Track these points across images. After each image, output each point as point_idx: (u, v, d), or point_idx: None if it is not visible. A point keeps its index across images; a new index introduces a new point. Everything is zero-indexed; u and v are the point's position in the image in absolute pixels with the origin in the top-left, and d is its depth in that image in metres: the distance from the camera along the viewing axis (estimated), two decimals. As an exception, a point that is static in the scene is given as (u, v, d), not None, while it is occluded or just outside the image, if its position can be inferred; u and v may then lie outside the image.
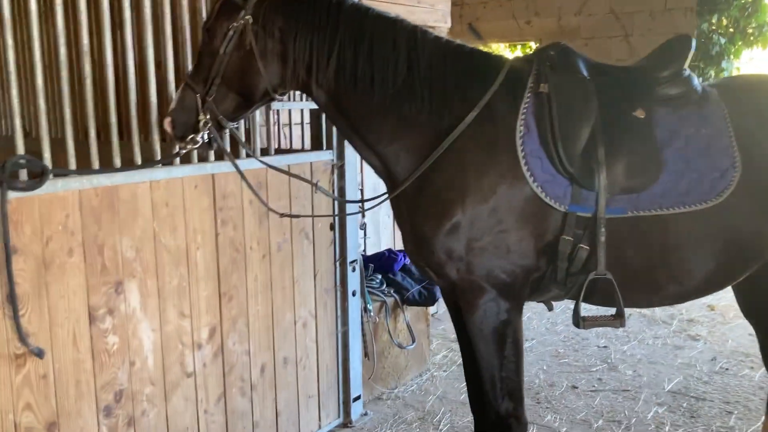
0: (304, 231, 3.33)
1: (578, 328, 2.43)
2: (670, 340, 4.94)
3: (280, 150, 3.39)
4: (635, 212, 2.28)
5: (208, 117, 2.42)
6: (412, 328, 4.13)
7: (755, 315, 2.92)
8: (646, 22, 7.18)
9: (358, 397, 3.74)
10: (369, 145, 2.45)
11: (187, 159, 2.76)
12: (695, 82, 2.39)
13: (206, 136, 2.47)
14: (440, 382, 4.25)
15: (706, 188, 2.26)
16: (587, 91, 2.30)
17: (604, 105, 2.30)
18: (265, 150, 3.17)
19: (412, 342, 4.10)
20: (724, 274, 2.42)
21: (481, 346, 2.38)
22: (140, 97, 2.64)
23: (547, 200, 2.27)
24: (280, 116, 3.54)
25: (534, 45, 8.17)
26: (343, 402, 3.68)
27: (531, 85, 2.34)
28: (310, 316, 3.42)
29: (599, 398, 4.01)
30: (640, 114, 2.30)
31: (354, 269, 3.60)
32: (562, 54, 2.39)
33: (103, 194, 2.47)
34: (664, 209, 2.27)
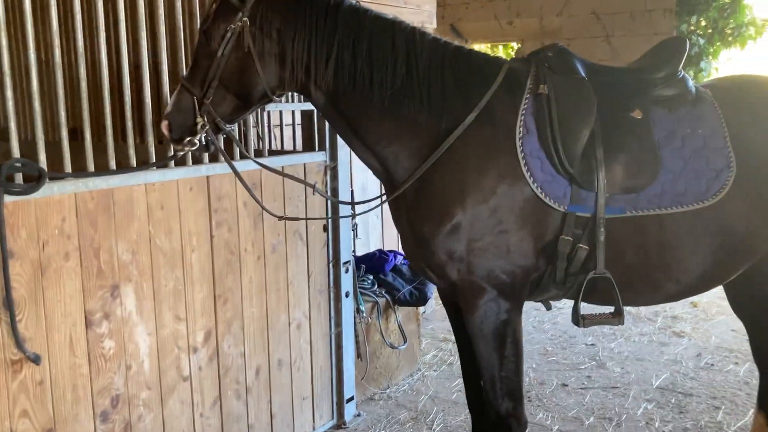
0: (298, 232, 3.32)
1: (578, 327, 2.46)
2: (655, 337, 5.00)
3: (274, 151, 3.37)
4: (634, 212, 2.30)
5: (205, 119, 2.40)
6: (404, 328, 4.14)
7: (745, 312, 2.97)
8: (626, 23, 7.26)
9: (352, 398, 3.73)
10: (368, 147, 2.45)
11: (181, 161, 2.74)
12: (690, 83, 2.43)
13: (204, 139, 2.45)
14: (431, 382, 4.26)
15: (702, 188, 2.30)
16: (586, 92, 2.32)
17: (603, 106, 2.33)
18: (258, 152, 3.16)
19: (404, 342, 4.10)
20: (719, 272, 2.46)
21: (481, 346, 2.39)
22: (135, 98, 2.61)
23: (546, 200, 2.29)
24: (270, 118, 3.52)
25: (516, 45, 8.22)
26: (337, 403, 3.68)
27: (530, 86, 2.36)
28: (304, 318, 3.41)
29: (589, 395, 4.05)
30: (637, 114, 2.33)
31: (347, 270, 3.60)
32: (559, 55, 2.41)
33: (99, 197, 2.44)
34: (662, 209, 2.30)
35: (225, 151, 2.81)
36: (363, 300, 3.89)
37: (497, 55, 2.53)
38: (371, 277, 4.09)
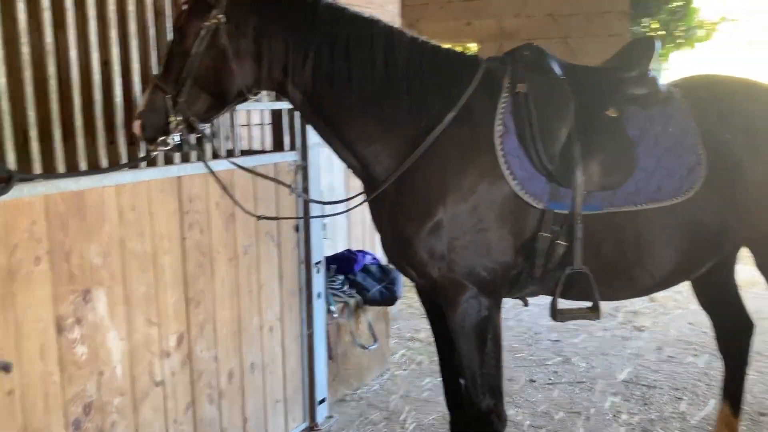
0: (269, 233, 3.28)
1: (555, 321, 2.49)
2: (617, 331, 5.12)
3: (244, 151, 3.32)
4: (610, 209, 2.35)
5: (179, 119, 2.35)
6: (374, 328, 4.13)
7: (711, 306, 3.07)
8: (582, 24, 7.41)
9: (324, 400, 3.71)
10: (347, 145, 2.43)
11: (152, 161, 2.68)
12: (660, 82, 2.49)
13: (178, 138, 2.40)
14: (401, 381, 4.27)
15: (675, 184, 2.36)
16: (564, 91, 2.36)
17: (579, 104, 2.37)
18: (230, 152, 3.11)
19: (375, 342, 4.10)
20: (690, 266, 2.53)
21: (463, 343, 2.41)
22: (105, 97, 2.54)
23: (526, 198, 2.32)
24: (237, 117, 3.47)
25: (474, 46, 8.30)
26: (309, 405, 3.65)
27: (508, 86, 2.38)
28: (276, 320, 3.38)
29: (557, 391, 4.11)
30: (612, 113, 2.38)
31: (318, 271, 3.58)
32: (535, 54, 2.44)
33: (70, 199, 2.37)
34: (638, 205, 2.35)
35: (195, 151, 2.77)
36: (333, 300, 3.87)
37: (474, 54, 2.53)
38: (341, 277, 4.08)
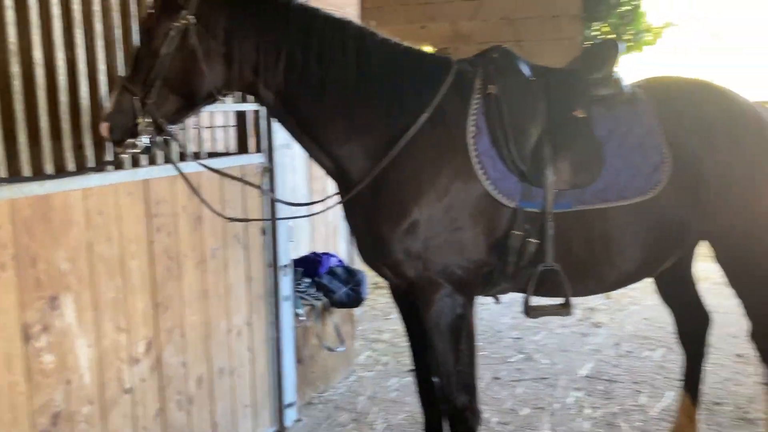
0: (237, 236, 3.25)
1: (528, 318, 2.54)
2: (576, 328, 5.23)
3: (211, 153, 3.29)
4: (580, 207, 2.41)
5: (148, 120, 2.32)
6: (340, 330, 4.13)
7: (672, 300, 3.17)
8: (535, 27, 7.56)
9: (292, 404, 3.69)
10: (321, 146, 2.43)
11: (119, 164, 2.63)
12: (624, 83, 2.57)
13: (146, 140, 2.37)
14: (368, 383, 4.28)
15: (641, 182, 2.43)
16: (534, 93, 2.41)
17: (548, 106, 2.42)
18: (197, 154, 3.07)
19: (342, 344, 4.10)
20: (654, 262, 2.62)
21: (438, 341, 2.43)
22: (71, 99, 2.48)
23: (498, 197, 2.36)
24: (201, 119, 3.44)
25: (429, 49, 8.36)
26: (278, 409, 3.62)
27: (479, 87, 2.42)
28: (244, 324, 3.35)
29: (522, 387, 4.18)
30: (579, 114, 2.44)
31: (286, 274, 3.56)
32: (505, 57, 2.49)
33: (36, 204, 2.30)
34: (606, 203, 2.42)
35: (161, 153, 2.73)
36: (300, 303, 3.86)
37: (445, 56, 2.56)
38: (307, 280, 4.06)
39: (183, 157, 2.83)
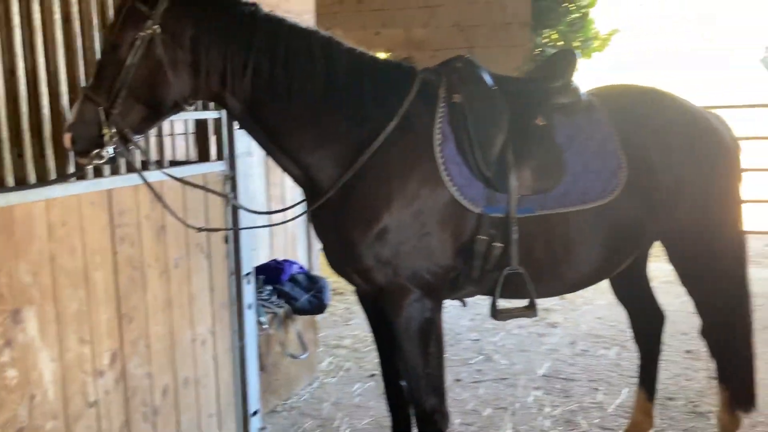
0: (200, 245, 3.23)
1: (496, 320, 2.61)
2: (532, 328, 5.34)
3: (173, 162, 3.26)
4: (542, 211, 2.49)
5: (113, 131, 2.29)
6: (303, 337, 4.14)
7: (627, 300, 3.29)
8: (487, 35, 7.70)
9: (256, 412, 3.68)
10: (289, 155, 2.45)
11: (83, 175, 2.59)
12: (582, 92, 2.66)
13: (112, 151, 2.35)
14: (331, 389, 4.29)
15: (600, 187, 2.53)
16: (498, 101, 2.48)
17: (511, 114, 2.49)
18: (159, 162, 3.04)
19: (304, 351, 4.10)
20: (612, 263, 2.72)
21: (407, 345, 2.47)
22: (33, 109, 2.44)
23: (464, 203, 2.41)
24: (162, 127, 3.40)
25: (384, 55, 8.45)
26: (242, 418, 3.60)
27: (444, 96, 2.48)
28: (208, 333, 3.32)
29: (483, 388, 4.26)
30: (540, 121, 2.52)
31: (249, 282, 3.55)
32: (468, 66, 2.55)
33: (-3, 215, 2.26)
34: (567, 207, 2.50)
35: (124, 162, 2.71)
36: (263, 311, 3.85)
37: (410, 65, 2.61)
38: (269, 287, 4.06)
39: (145, 166, 2.80)
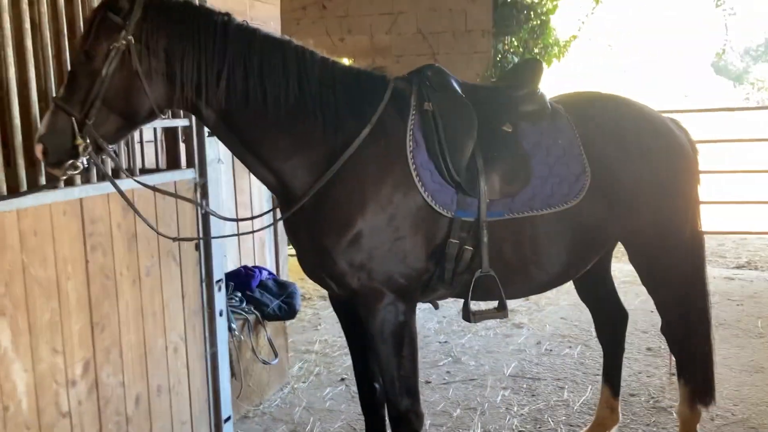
0: (171, 253, 3.23)
1: (469, 322, 2.67)
2: (499, 330, 5.45)
3: (143, 170, 3.26)
4: (511, 215, 2.57)
5: (87, 141, 2.30)
6: (273, 343, 4.15)
7: (591, 300, 3.39)
8: (449, 41, 7.82)
9: (229, 418, 3.68)
10: (263, 163, 2.48)
11: (56, 185, 2.58)
12: (546, 99, 2.75)
13: (85, 161, 2.35)
14: (302, 393, 4.32)
15: (565, 191, 2.62)
16: (467, 109, 2.55)
17: (479, 120, 2.56)
18: (130, 170, 3.04)
19: (275, 357, 4.12)
20: (578, 264, 2.81)
21: (381, 348, 2.52)
22: (2, 118, 2.43)
23: (436, 207, 2.48)
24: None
25: (347, 61, 8.50)
26: (215, 424, 3.60)
27: (414, 104, 2.54)
28: (180, 341, 3.32)
29: (452, 390, 4.33)
30: (507, 128, 2.60)
31: (220, 289, 3.56)
32: (437, 75, 2.62)
33: (-31, 226, 2.25)
34: (534, 210, 2.59)
35: (95, 171, 2.71)
36: (233, 318, 3.86)
37: (381, 74, 2.67)
38: (239, 294, 4.07)
39: (117, 175, 2.81)
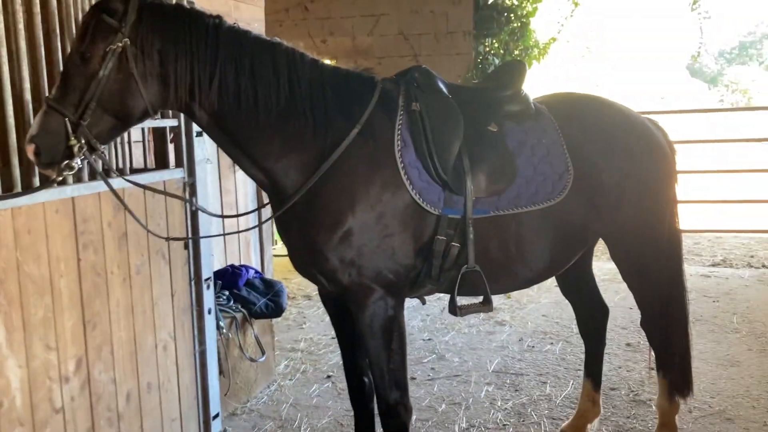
0: (160, 251, 3.27)
1: (455, 316, 2.74)
2: (482, 327, 5.53)
3: (134, 170, 3.29)
4: (496, 212, 2.64)
5: (82, 141, 2.33)
6: (260, 341, 4.20)
7: (573, 295, 3.48)
8: (431, 43, 7.91)
9: (217, 415, 3.72)
10: (255, 162, 2.53)
11: (44, 182, 2.61)
12: (530, 100, 2.83)
13: (80, 162, 2.38)
14: (289, 391, 4.36)
15: (549, 189, 2.70)
16: (454, 109, 2.62)
17: (465, 120, 2.64)
18: (121, 170, 3.08)
19: (262, 355, 4.16)
20: (561, 260, 2.90)
21: (371, 342, 2.59)
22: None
23: (424, 205, 2.55)
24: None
25: (330, 63, 8.57)
26: (204, 421, 3.65)
27: (402, 104, 2.61)
28: (169, 338, 3.36)
29: (437, 386, 4.40)
30: (493, 128, 2.68)
31: (208, 287, 3.60)
32: (424, 76, 2.69)
33: (-35, 224, 2.27)
34: (519, 208, 2.67)
35: (86, 170, 2.74)
36: (222, 316, 3.90)
37: (370, 75, 2.73)
38: (227, 292, 4.11)
39: (108, 174, 2.84)
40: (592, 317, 3.47)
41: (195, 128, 3.47)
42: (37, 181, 2.62)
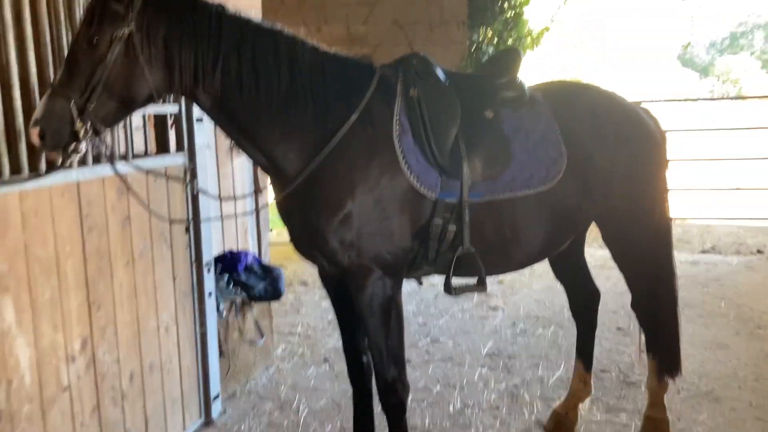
0: (163, 235, 3.34)
1: (451, 296, 2.83)
2: (475, 312, 5.63)
3: (136, 155, 3.34)
4: (492, 196, 2.72)
5: (88, 125, 2.38)
6: (260, 324, 4.28)
7: (565, 278, 3.57)
8: (425, 32, 7.96)
9: (218, 396, 3.81)
10: (257, 146, 2.60)
11: (52, 166, 2.67)
12: (526, 87, 2.91)
13: (84, 145, 2.43)
14: (287, 373, 4.45)
15: (543, 174, 2.78)
16: (451, 96, 2.69)
17: (462, 107, 2.71)
18: (123, 156, 3.13)
19: (261, 337, 4.24)
20: (554, 243, 2.98)
21: (370, 321, 2.67)
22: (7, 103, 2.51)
23: (421, 189, 2.62)
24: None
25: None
26: (204, 402, 3.73)
27: (401, 90, 2.67)
28: (171, 321, 3.44)
29: (432, 368, 4.49)
30: (489, 114, 2.75)
31: (209, 270, 3.67)
32: (422, 63, 2.76)
33: (-25, 206, 2.33)
34: (514, 192, 2.74)
35: (90, 154, 2.81)
36: (222, 299, 3.97)
37: (368, 62, 2.79)
38: (227, 276, 4.18)
39: (111, 159, 2.90)
40: (584, 300, 3.56)
41: (195, 114, 3.53)
42: (44, 165, 2.67)
